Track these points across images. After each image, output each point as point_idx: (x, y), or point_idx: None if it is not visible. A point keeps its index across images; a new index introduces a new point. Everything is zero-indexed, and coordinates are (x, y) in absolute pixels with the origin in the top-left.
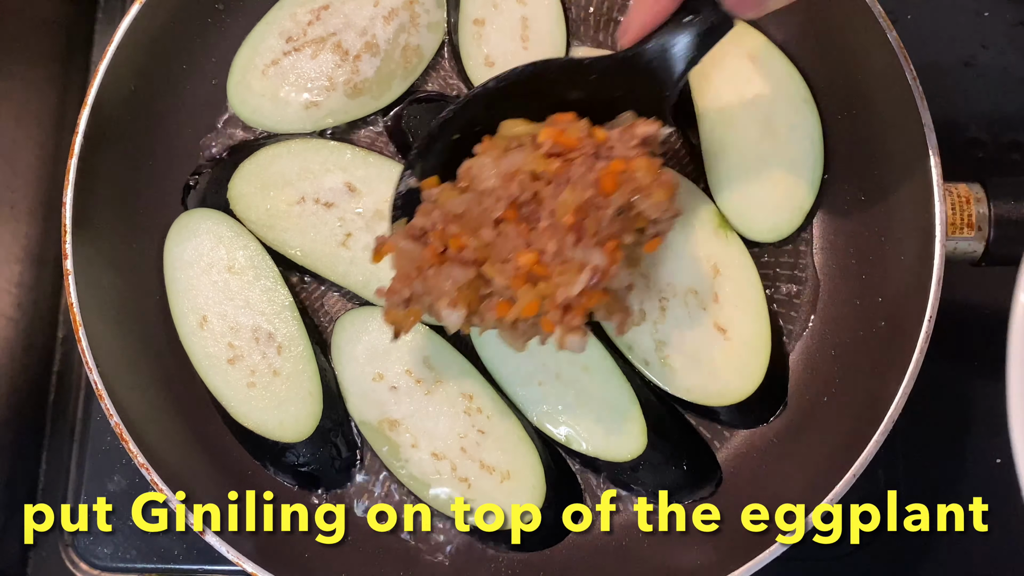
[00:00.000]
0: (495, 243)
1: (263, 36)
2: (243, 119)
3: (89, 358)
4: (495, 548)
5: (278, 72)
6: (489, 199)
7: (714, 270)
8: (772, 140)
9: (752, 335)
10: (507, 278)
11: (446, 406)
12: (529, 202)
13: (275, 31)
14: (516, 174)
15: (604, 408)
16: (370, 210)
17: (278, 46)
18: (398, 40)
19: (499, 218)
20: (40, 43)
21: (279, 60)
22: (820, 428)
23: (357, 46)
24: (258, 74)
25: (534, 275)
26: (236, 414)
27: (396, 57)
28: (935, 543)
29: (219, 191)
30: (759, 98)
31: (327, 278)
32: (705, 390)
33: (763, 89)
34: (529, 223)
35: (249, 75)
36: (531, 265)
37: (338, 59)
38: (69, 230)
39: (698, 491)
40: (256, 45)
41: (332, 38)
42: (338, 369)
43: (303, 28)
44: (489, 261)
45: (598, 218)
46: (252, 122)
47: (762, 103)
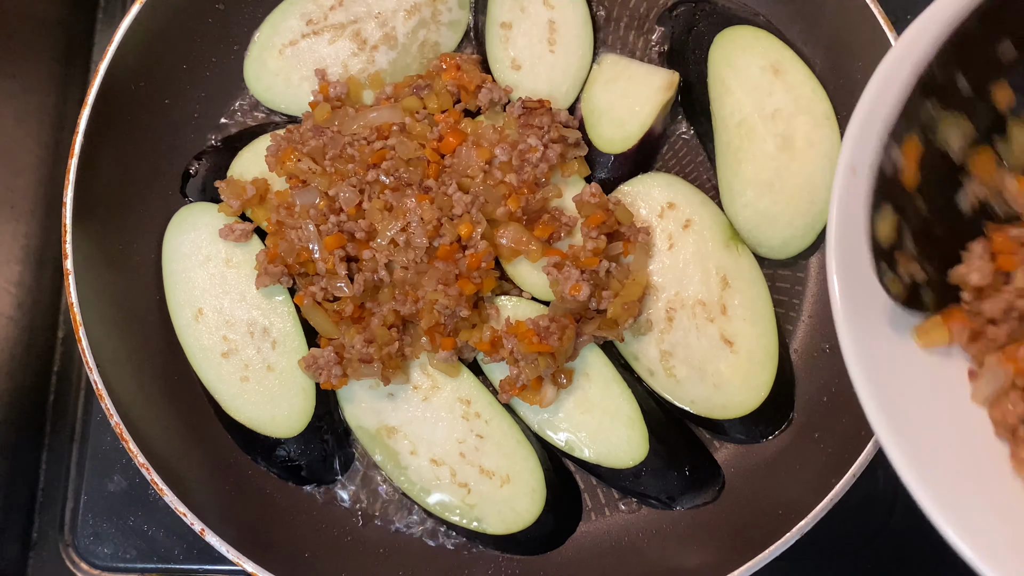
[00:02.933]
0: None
1: (284, 16)
2: (256, 96)
3: (89, 358)
4: (496, 551)
5: (295, 53)
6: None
7: (723, 282)
8: (789, 155)
9: (759, 349)
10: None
11: (444, 411)
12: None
13: (297, 12)
14: None
15: (605, 415)
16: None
17: (298, 27)
18: (417, 35)
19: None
20: (40, 43)
21: (297, 41)
22: (820, 428)
23: (376, 36)
24: (275, 53)
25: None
26: (228, 408)
27: (413, 51)
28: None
29: (219, 178)
30: (779, 112)
31: None
32: (710, 402)
33: (784, 103)
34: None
35: (266, 53)
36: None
37: (355, 47)
38: (69, 230)
39: (700, 496)
40: (277, 24)
41: (352, 26)
42: None
43: (325, 12)
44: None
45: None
46: (264, 99)
47: (782, 117)
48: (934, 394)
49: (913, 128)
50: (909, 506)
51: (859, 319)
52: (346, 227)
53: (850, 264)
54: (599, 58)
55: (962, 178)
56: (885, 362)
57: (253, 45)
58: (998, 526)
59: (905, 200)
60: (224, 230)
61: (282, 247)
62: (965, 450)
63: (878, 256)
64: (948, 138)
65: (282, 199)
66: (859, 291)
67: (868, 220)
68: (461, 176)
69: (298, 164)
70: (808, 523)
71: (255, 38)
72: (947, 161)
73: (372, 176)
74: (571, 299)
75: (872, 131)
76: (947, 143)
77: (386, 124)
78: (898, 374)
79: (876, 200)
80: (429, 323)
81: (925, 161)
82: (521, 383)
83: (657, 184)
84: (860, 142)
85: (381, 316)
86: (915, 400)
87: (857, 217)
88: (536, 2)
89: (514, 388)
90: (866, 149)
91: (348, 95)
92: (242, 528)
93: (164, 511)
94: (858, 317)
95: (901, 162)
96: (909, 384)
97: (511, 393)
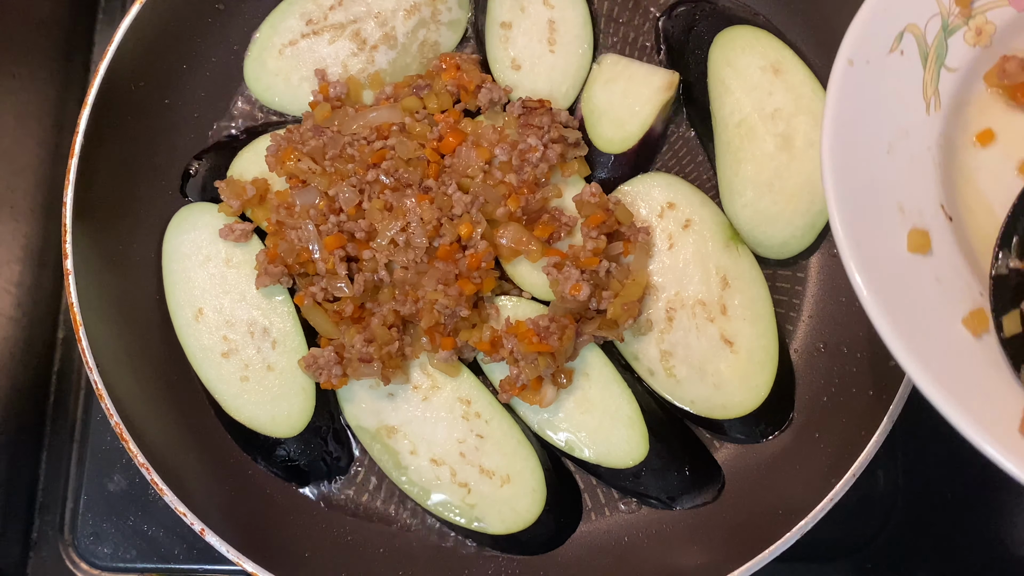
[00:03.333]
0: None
1: (284, 15)
2: (256, 96)
3: (89, 358)
4: (496, 551)
5: (295, 53)
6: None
7: (723, 282)
8: (789, 154)
9: (760, 349)
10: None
11: (444, 411)
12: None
13: (297, 11)
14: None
15: (605, 415)
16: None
17: (297, 27)
18: (416, 35)
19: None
20: (40, 43)
21: (297, 41)
22: (820, 428)
23: (375, 36)
24: (275, 53)
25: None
26: (228, 408)
27: (413, 51)
28: (935, 543)
29: (218, 178)
30: (779, 111)
31: None
32: (710, 402)
33: (784, 102)
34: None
35: (266, 53)
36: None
37: (355, 47)
38: (69, 230)
39: (700, 496)
40: (276, 24)
41: (352, 25)
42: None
43: (325, 12)
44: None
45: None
46: (264, 100)
47: (782, 117)
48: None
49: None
50: (909, 506)
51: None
52: (346, 227)
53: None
54: (599, 58)
55: None
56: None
57: (253, 45)
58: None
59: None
60: (224, 230)
61: (282, 247)
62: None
63: (1010, 352)
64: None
65: (282, 199)
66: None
67: (995, 326)
68: (461, 176)
69: (298, 164)
70: (808, 523)
71: (255, 38)
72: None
73: (372, 176)
74: (571, 299)
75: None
76: None
77: (386, 124)
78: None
79: (998, 307)
80: (429, 323)
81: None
82: (521, 383)
83: (657, 184)
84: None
85: (381, 316)
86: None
87: (855, 110)
88: (536, 2)
89: (514, 388)
90: (869, 43)
91: (348, 95)
92: (242, 528)
93: (164, 511)
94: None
95: (1012, 263)
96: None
97: (511, 393)
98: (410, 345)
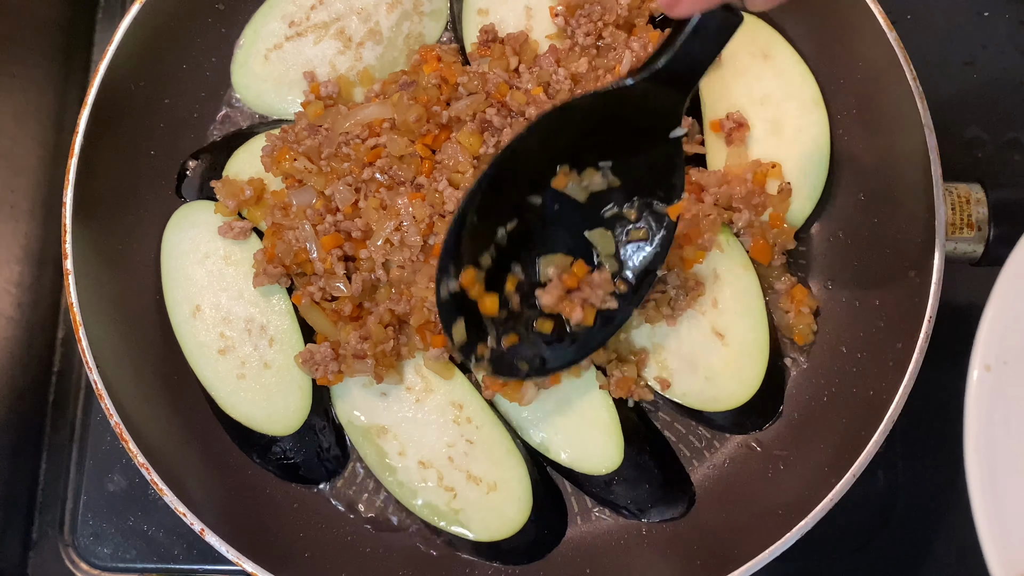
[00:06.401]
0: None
1: (266, 19)
2: (246, 103)
3: (89, 358)
4: (478, 559)
5: (280, 57)
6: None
7: (713, 274)
8: (777, 140)
9: (750, 341)
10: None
11: (435, 414)
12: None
13: (278, 14)
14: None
15: (583, 420)
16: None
17: (280, 30)
18: (401, 28)
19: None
20: (40, 43)
21: (281, 44)
22: (820, 428)
23: (360, 33)
24: (260, 58)
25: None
26: (225, 405)
27: (399, 45)
28: (935, 543)
29: (213, 178)
30: (768, 97)
31: None
32: (701, 395)
33: (773, 88)
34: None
35: (252, 59)
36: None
37: (341, 46)
38: (69, 230)
39: (668, 511)
40: (259, 29)
41: (335, 24)
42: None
43: (306, 13)
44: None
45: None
46: (255, 106)
47: (771, 102)
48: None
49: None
50: (909, 506)
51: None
52: (343, 226)
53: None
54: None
55: None
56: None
57: (238, 51)
58: None
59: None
60: (223, 228)
61: (279, 248)
62: None
63: None
64: None
65: (279, 199)
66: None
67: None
68: (451, 172)
69: (294, 164)
70: (808, 523)
71: (239, 44)
72: None
73: (368, 174)
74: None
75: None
76: None
77: (377, 120)
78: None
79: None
80: (419, 321)
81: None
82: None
83: None
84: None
85: (378, 315)
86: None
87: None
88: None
89: (496, 384)
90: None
91: (340, 94)
92: (242, 528)
93: (164, 511)
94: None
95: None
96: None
97: (493, 389)
98: (405, 344)
